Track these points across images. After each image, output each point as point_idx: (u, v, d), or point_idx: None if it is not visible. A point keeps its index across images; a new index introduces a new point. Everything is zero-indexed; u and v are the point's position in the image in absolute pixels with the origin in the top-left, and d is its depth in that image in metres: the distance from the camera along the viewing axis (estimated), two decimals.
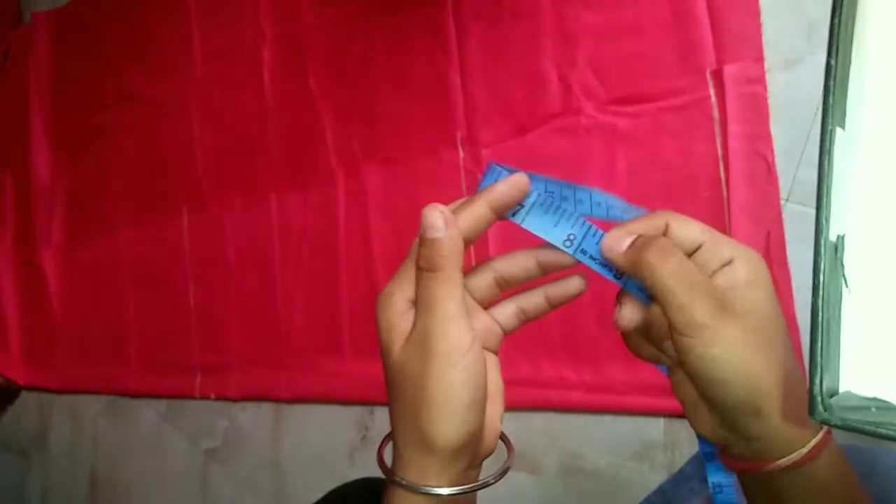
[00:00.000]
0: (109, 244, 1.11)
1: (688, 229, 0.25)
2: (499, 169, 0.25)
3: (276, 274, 0.86)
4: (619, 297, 0.26)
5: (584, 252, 0.25)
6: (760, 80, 0.54)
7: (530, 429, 0.64)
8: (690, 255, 0.24)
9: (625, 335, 0.27)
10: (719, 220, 0.55)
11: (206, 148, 0.96)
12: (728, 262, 0.24)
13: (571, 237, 0.25)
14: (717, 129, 0.55)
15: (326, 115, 0.82)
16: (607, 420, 0.60)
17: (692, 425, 0.26)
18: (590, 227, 0.25)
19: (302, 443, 0.83)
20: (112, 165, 1.11)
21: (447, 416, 0.23)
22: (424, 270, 0.24)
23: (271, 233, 0.87)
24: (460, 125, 0.70)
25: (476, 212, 0.24)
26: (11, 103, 1.31)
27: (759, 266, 0.24)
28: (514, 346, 0.66)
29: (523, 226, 0.25)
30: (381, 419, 0.76)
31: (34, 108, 1.25)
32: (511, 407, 0.70)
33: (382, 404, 0.75)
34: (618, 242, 0.24)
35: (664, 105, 0.58)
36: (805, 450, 0.23)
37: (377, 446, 0.28)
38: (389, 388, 0.25)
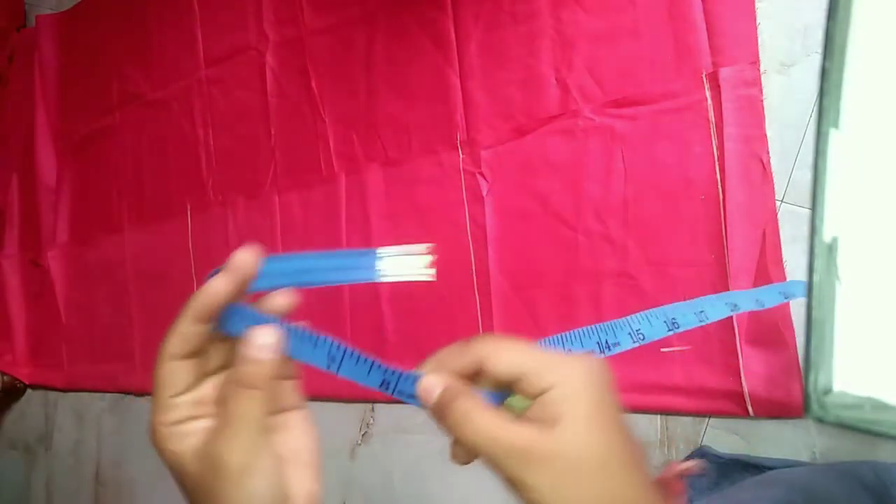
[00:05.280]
0: (114, 244, 1.12)
1: (503, 363, 0.23)
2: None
3: None
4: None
5: (402, 393, 0.25)
6: (756, 83, 0.54)
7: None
8: (515, 384, 0.23)
9: None
10: (715, 221, 0.56)
11: (210, 149, 0.97)
12: (546, 391, 0.22)
13: (386, 382, 0.25)
14: (712, 131, 0.56)
15: (328, 117, 0.83)
16: None
17: None
18: (400, 372, 0.25)
19: None
20: (116, 167, 1.12)
21: None
22: (243, 387, 0.23)
23: (274, 232, 0.88)
24: (460, 127, 0.71)
25: (186, 330, 0.24)
26: (17, 105, 1.32)
27: (575, 390, 0.22)
28: None
29: (340, 374, 0.25)
30: (381, 416, 0.77)
31: (39, 110, 1.26)
32: None
33: (383, 401, 0.76)
34: (427, 395, 0.24)
35: (661, 107, 0.58)
36: None
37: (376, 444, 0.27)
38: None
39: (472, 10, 0.70)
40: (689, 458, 0.56)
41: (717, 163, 0.56)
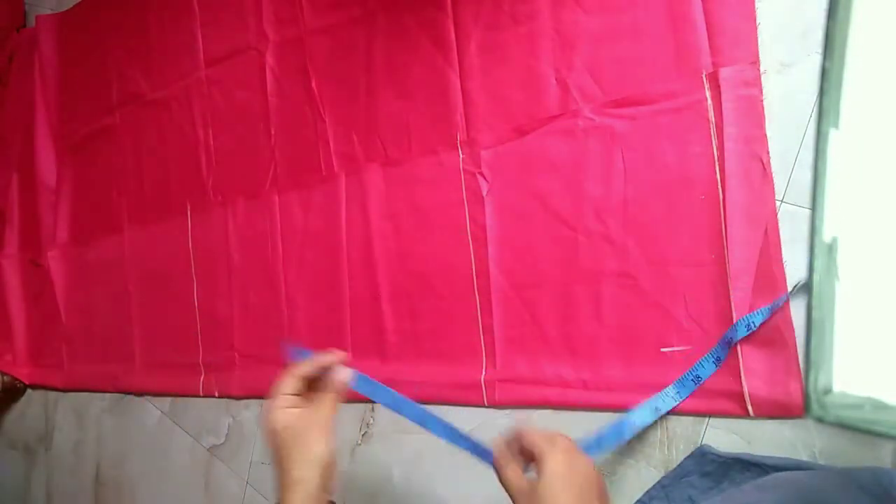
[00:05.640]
0: (114, 244, 1.12)
1: (527, 441, 0.44)
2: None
3: (279, 273, 0.87)
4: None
5: (482, 457, 0.47)
6: (756, 83, 0.54)
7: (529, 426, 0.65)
8: (531, 452, 0.43)
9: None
10: (715, 221, 0.56)
11: (210, 149, 0.98)
12: (539, 459, 0.42)
13: (477, 451, 0.48)
14: (712, 131, 0.56)
15: (328, 117, 0.83)
16: (605, 418, 0.61)
17: None
18: (485, 447, 0.48)
19: None
20: (116, 166, 1.13)
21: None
22: (330, 392, 0.47)
23: (274, 233, 0.88)
24: (460, 127, 0.71)
25: (304, 369, 0.48)
26: (17, 105, 1.32)
27: (551, 461, 0.41)
28: (513, 345, 0.66)
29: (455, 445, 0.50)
30: (381, 416, 0.77)
31: (39, 109, 1.26)
32: (510, 405, 0.72)
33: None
34: (495, 461, 0.45)
35: (661, 107, 0.58)
36: None
37: (373, 444, 0.45)
38: (281, 459, 0.44)
39: (472, 10, 0.70)
40: (689, 457, 0.56)
41: (717, 163, 0.56)
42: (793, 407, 0.52)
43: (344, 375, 0.47)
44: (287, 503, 0.42)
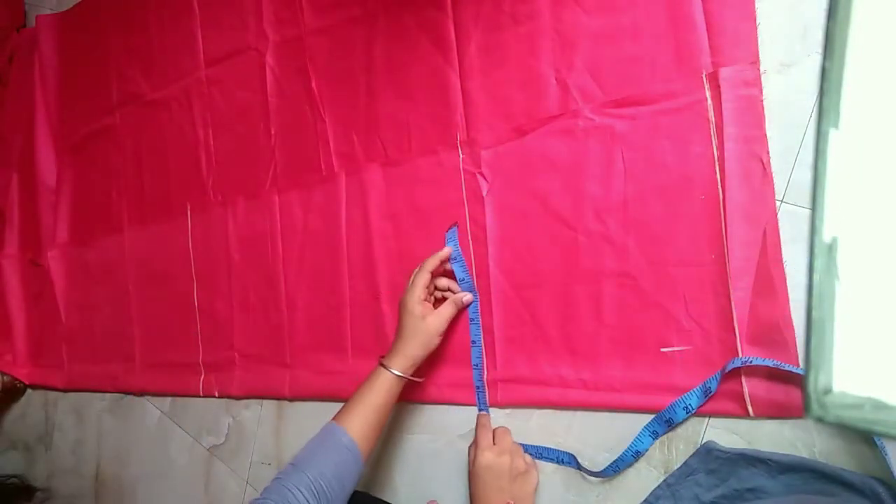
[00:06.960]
0: (114, 244, 1.12)
1: (494, 433, 0.64)
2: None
3: (279, 273, 0.87)
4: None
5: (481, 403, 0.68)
6: (756, 83, 0.54)
7: (529, 426, 0.65)
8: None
9: None
10: (715, 221, 0.56)
11: (210, 149, 0.98)
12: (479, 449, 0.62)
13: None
14: (712, 131, 0.56)
15: (328, 117, 0.83)
16: (605, 418, 0.61)
17: None
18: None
19: (304, 439, 0.84)
20: (116, 167, 1.13)
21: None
22: (453, 303, 0.66)
23: (274, 232, 0.88)
24: (460, 127, 0.71)
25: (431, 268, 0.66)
26: (17, 105, 1.32)
27: (479, 456, 0.61)
28: (513, 345, 0.66)
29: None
30: None
31: (39, 109, 1.26)
32: (511, 405, 0.71)
33: None
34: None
35: (661, 107, 0.58)
36: None
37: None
38: (405, 332, 0.63)
39: (472, 10, 0.70)
40: (694, 455, 0.56)
41: (717, 163, 0.56)
42: (792, 407, 0.52)
43: (468, 299, 0.66)
44: (393, 362, 0.61)
